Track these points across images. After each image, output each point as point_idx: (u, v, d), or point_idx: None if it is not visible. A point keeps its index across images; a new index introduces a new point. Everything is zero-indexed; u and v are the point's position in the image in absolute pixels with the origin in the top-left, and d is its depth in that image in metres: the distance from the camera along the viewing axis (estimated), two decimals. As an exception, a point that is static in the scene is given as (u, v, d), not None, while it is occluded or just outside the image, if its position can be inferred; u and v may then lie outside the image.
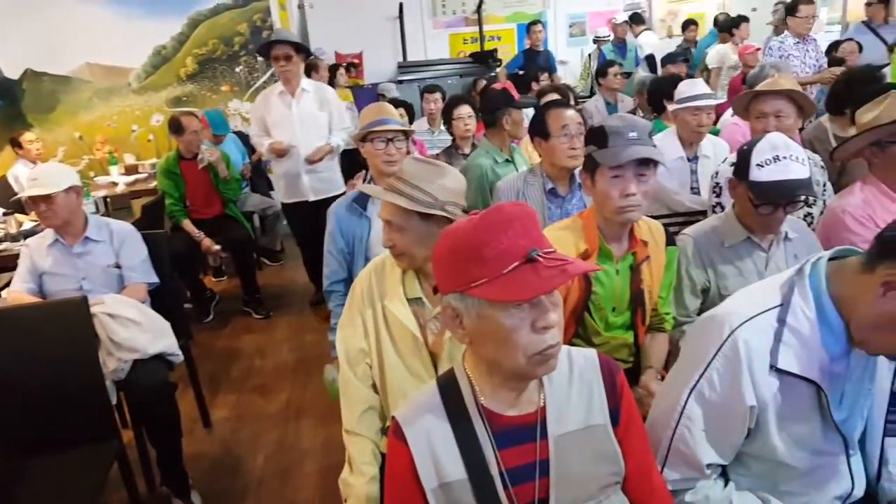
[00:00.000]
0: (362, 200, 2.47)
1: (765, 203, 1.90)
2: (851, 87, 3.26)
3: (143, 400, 2.50)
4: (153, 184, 5.08)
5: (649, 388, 1.78)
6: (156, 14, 6.32)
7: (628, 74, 5.88)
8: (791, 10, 4.67)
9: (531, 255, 0.98)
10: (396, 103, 4.96)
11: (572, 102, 5.08)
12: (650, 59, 6.98)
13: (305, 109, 4.17)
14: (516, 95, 3.47)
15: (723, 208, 2.61)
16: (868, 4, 6.51)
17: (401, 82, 7.18)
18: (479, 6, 7.93)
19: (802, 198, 1.94)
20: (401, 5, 7.78)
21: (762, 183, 1.88)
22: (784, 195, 1.87)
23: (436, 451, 1.09)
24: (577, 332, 1.95)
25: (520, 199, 2.58)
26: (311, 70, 6.54)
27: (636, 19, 8.00)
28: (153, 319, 2.64)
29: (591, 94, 6.43)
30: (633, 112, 4.81)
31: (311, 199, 4.26)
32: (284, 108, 4.17)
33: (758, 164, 1.89)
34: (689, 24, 8.12)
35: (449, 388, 1.15)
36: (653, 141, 1.81)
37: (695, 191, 3.24)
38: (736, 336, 1.19)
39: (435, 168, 1.63)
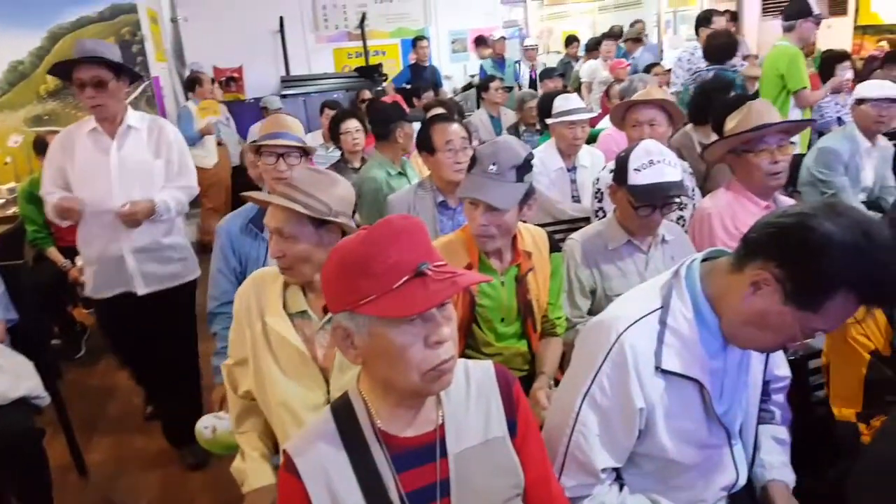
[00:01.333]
0: (259, 220, 2.28)
1: (644, 205, 2.01)
2: (709, 97, 3.54)
3: (3, 451, 2.25)
4: (12, 210, 4.64)
5: (536, 398, 1.80)
6: (11, 27, 5.80)
7: (509, 89, 6.06)
8: (704, 23, 4.89)
9: (420, 268, 0.96)
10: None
11: (457, 117, 5.20)
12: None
13: (131, 155, 2.68)
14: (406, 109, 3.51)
15: (605, 213, 2.73)
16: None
17: (285, 96, 7.02)
18: (362, 21, 7.92)
19: (677, 199, 2.07)
20: (281, 19, 7.63)
21: (640, 186, 1.99)
22: (660, 196, 1.99)
23: (332, 482, 1.04)
24: (468, 344, 1.96)
25: (411, 212, 2.57)
26: (194, 85, 6.27)
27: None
28: (13, 360, 2.40)
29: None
30: (516, 125, 4.96)
31: (141, 291, 2.77)
32: (97, 154, 2.66)
33: (635, 169, 2.01)
34: (571, 41, 8.50)
35: (343, 414, 1.10)
36: (516, 175, 1.81)
37: (575, 199, 3.38)
38: (622, 340, 1.22)
39: (326, 177, 1.59)
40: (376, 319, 0.97)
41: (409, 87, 6.66)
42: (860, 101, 3.33)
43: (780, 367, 1.52)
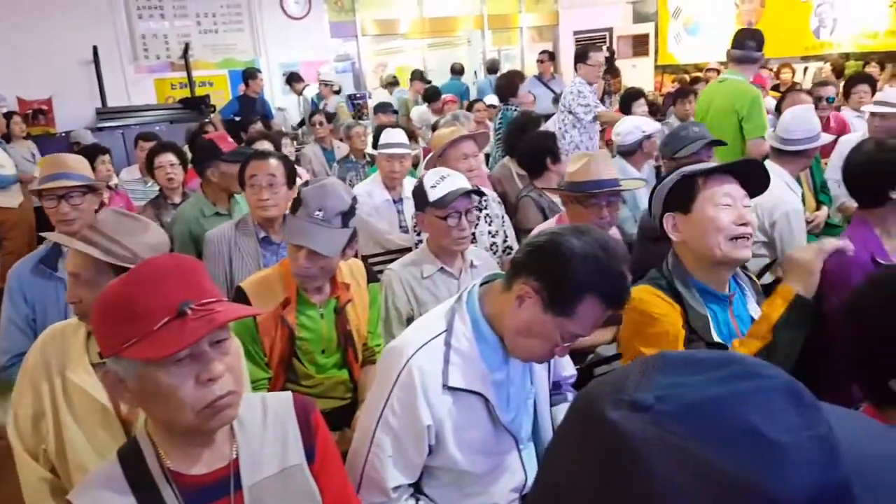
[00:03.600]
0: (51, 259, 2.17)
1: (449, 213, 2.13)
2: (520, 132, 3.85)
3: None
4: None
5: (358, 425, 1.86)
6: None
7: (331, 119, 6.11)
8: (581, 58, 5.01)
9: (181, 308, 0.97)
10: (94, 150, 4.54)
11: (291, 148, 5.15)
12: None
13: None
14: (229, 145, 3.30)
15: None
16: (539, 62, 7.75)
17: (101, 129, 6.57)
18: (186, 52, 7.64)
19: (478, 204, 2.20)
20: (95, 48, 7.16)
21: (440, 198, 2.13)
22: (461, 201, 2.13)
23: (118, 528, 1.01)
24: (289, 377, 1.97)
25: (232, 248, 2.52)
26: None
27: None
28: None
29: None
30: (347, 157, 5.03)
31: None
32: None
33: (431, 187, 2.16)
34: (417, 76, 8.62)
35: (131, 457, 1.07)
36: (341, 222, 1.85)
37: (404, 229, 3.51)
38: (411, 363, 1.33)
39: (138, 223, 1.55)
40: (141, 362, 0.97)
41: (237, 119, 6.52)
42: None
43: (567, 368, 1.70)
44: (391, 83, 8.30)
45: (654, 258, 1.72)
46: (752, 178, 1.60)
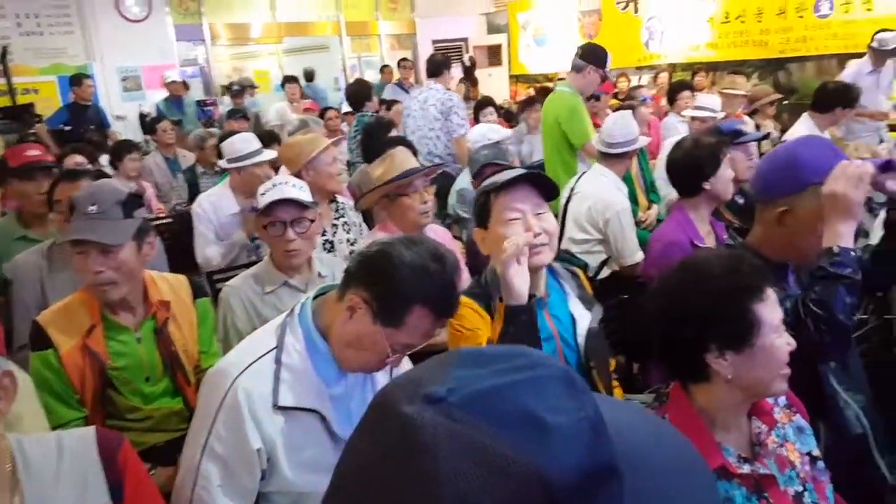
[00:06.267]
0: None
1: (272, 222, 2.07)
2: (371, 137, 3.85)
3: None
4: None
5: None
6: None
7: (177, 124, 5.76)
8: (444, 67, 4.98)
9: None
10: None
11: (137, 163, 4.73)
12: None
13: None
14: (21, 158, 2.75)
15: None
16: (403, 68, 7.87)
17: None
18: (4, 56, 6.89)
19: (307, 215, 2.11)
20: None
21: (266, 206, 2.07)
22: (287, 211, 2.06)
23: None
24: (109, 413, 1.80)
25: (43, 275, 2.28)
26: None
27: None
28: None
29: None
30: (192, 168, 4.76)
31: None
32: None
33: (261, 194, 2.10)
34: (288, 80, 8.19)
35: None
36: (122, 212, 1.73)
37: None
38: (236, 386, 1.25)
39: None
40: None
41: (67, 128, 5.98)
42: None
43: None
44: (237, 92, 7.73)
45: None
46: (542, 185, 1.60)
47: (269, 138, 4.13)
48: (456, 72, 6.14)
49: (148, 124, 5.45)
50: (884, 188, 1.50)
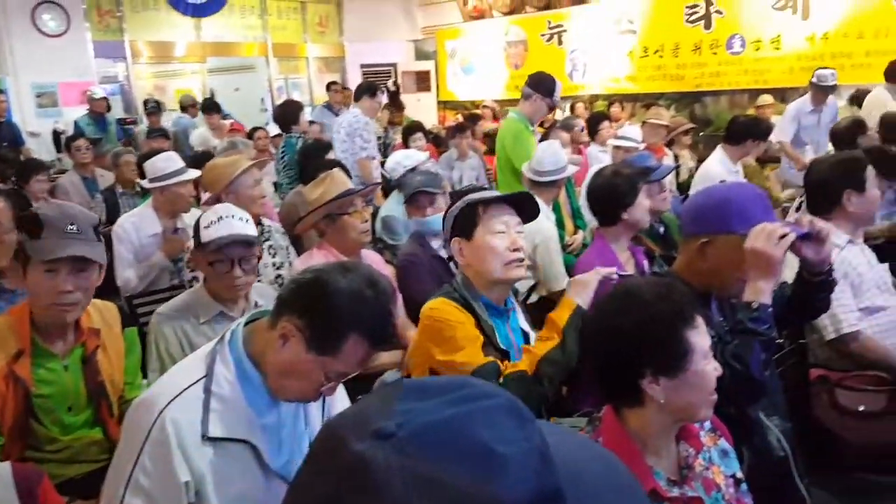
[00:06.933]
0: None
1: (218, 259, 1.98)
2: (308, 158, 3.83)
3: None
4: None
5: None
6: None
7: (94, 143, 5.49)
8: (369, 92, 5.03)
9: None
10: None
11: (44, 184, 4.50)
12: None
13: None
14: None
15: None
16: (334, 91, 7.86)
17: None
18: None
19: (255, 252, 2.06)
20: None
21: (211, 241, 1.96)
22: (235, 249, 1.97)
23: None
24: (28, 444, 1.71)
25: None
26: None
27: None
28: None
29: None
30: (112, 188, 4.58)
31: None
32: None
33: (205, 227, 2.00)
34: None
35: None
36: (95, 235, 1.73)
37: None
38: (164, 416, 1.20)
39: None
40: None
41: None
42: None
43: (342, 402, 1.67)
44: (153, 109, 7.47)
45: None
46: (525, 207, 1.81)
47: (202, 157, 4.03)
48: (383, 97, 6.23)
49: (64, 142, 5.19)
50: (800, 252, 1.63)
